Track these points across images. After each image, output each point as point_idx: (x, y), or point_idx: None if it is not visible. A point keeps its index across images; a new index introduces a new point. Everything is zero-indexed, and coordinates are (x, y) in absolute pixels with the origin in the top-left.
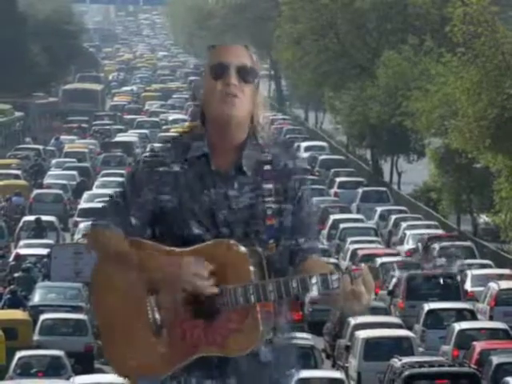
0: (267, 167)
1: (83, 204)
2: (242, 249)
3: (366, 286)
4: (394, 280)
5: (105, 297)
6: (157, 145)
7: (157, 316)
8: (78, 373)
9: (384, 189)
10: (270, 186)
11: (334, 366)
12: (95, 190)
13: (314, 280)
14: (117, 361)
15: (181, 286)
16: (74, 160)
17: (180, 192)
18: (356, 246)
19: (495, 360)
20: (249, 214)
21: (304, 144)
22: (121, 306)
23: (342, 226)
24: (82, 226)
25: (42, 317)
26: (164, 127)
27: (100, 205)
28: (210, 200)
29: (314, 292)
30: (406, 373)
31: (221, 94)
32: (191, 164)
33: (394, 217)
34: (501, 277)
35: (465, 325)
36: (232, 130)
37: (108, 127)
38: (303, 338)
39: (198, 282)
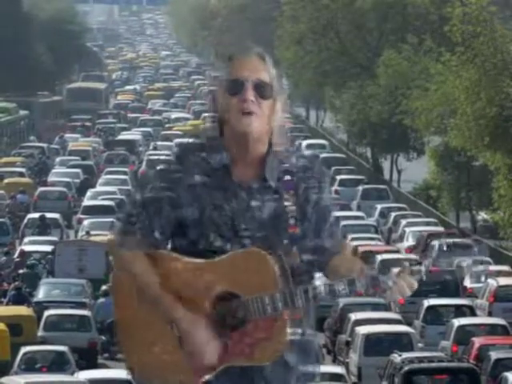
0: (287, 177)
1: (87, 201)
2: (268, 257)
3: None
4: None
5: (131, 304)
6: (173, 153)
7: (175, 329)
8: (81, 368)
9: (384, 186)
10: (291, 195)
11: (335, 362)
12: (99, 188)
13: (341, 286)
14: (136, 365)
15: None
16: (77, 158)
17: (201, 204)
18: (356, 242)
19: (494, 355)
20: (271, 224)
21: (305, 142)
22: (147, 314)
23: (342, 223)
24: (85, 222)
25: (47, 313)
26: (167, 125)
27: (120, 220)
28: (231, 211)
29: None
30: (406, 368)
31: (237, 111)
32: (212, 175)
33: (393, 214)
34: (499, 273)
35: (464, 321)
36: (250, 145)
37: (111, 125)
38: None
39: (204, 361)
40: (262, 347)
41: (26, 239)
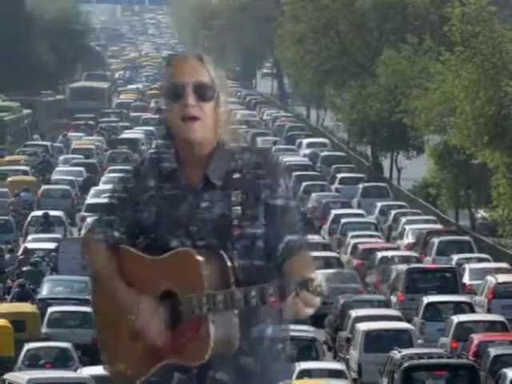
0: (236, 175)
1: (90, 199)
2: (198, 258)
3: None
4: (394, 273)
5: (102, 297)
6: (138, 160)
7: (131, 318)
8: (85, 364)
9: (384, 184)
10: (239, 194)
11: (335, 358)
12: (102, 186)
13: (253, 293)
14: (107, 359)
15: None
16: (81, 156)
17: (156, 208)
18: (357, 240)
19: (493, 352)
20: (220, 225)
21: (306, 141)
22: (112, 308)
23: (343, 220)
24: (88, 220)
25: (50, 309)
26: None
27: (105, 201)
28: (182, 214)
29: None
30: (406, 364)
31: (179, 117)
32: (163, 179)
33: (393, 212)
34: (498, 270)
35: (463, 317)
36: (196, 149)
37: (114, 124)
38: (305, 330)
39: (148, 331)
40: (191, 347)
41: (30, 237)
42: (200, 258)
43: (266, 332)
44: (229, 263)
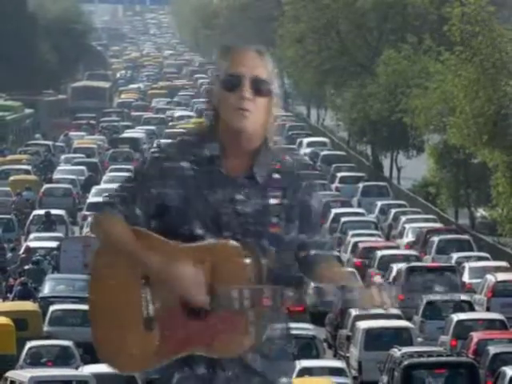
0: (276, 175)
1: (92, 198)
2: (243, 252)
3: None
4: (394, 271)
5: (101, 283)
6: (164, 141)
7: (150, 309)
8: (86, 362)
9: (384, 183)
10: (278, 194)
11: (336, 356)
12: (103, 185)
13: (310, 291)
14: (106, 351)
15: (176, 293)
16: (82, 155)
17: (186, 190)
18: (357, 239)
19: (492, 350)
20: (254, 220)
21: (306, 140)
22: (115, 294)
23: (343, 219)
24: (90, 219)
25: (52, 308)
26: (170, 124)
27: (107, 197)
28: (216, 202)
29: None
30: (406, 362)
31: (233, 107)
32: (201, 164)
33: (393, 211)
34: (497, 269)
35: (463, 316)
36: (243, 141)
37: (116, 124)
38: (305, 328)
39: (193, 294)
40: (222, 340)
41: (32, 235)
42: (244, 252)
43: (277, 331)
44: (263, 260)
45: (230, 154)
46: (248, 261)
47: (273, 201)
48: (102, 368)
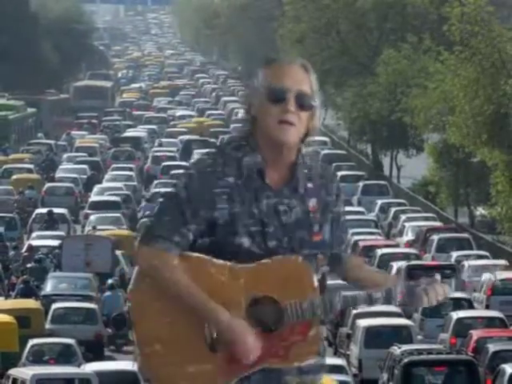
0: (310, 184)
1: (93, 197)
2: (307, 264)
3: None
4: (394, 270)
5: (151, 311)
6: (205, 154)
7: (214, 331)
8: (88, 360)
9: (384, 182)
10: (315, 202)
11: (336, 354)
12: (105, 184)
13: (378, 295)
14: (165, 379)
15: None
16: (84, 154)
17: (233, 205)
18: (357, 237)
19: (491, 348)
20: (298, 230)
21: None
22: (174, 319)
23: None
24: (92, 217)
25: (54, 306)
26: (171, 123)
27: (148, 220)
28: (260, 213)
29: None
30: (406, 360)
31: (276, 120)
32: (244, 177)
33: (393, 209)
34: (497, 267)
35: (462, 314)
36: (284, 154)
37: (117, 123)
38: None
39: (247, 358)
40: (296, 348)
41: (34, 234)
42: (308, 263)
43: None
44: (318, 270)
45: (270, 165)
46: (313, 274)
47: (312, 209)
48: (104, 366)
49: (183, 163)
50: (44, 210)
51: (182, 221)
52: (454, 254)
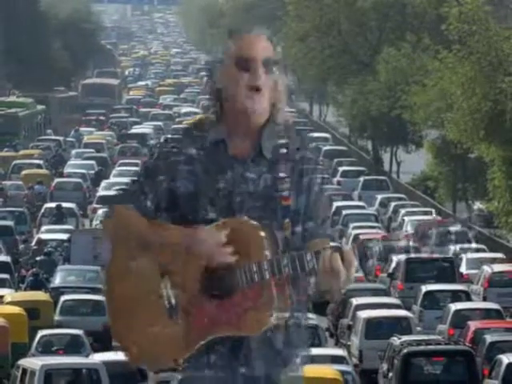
0: (283, 150)
1: (101, 192)
2: (256, 225)
3: (345, 263)
4: (394, 263)
5: (119, 282)
6: (170, 135)
7: (172, 298)
8: (96, 350)
9: (384, 177)
10: (286, 167)
11: (337, 344)
12: (112, 179)
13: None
14: (130, 347)
15: (200, 256)
16: (92, 150)
17: (196, 177)
18: (358, 231)
19: (489, 338)
20: (266, 196)
21: (309, 135)
22: (135, 290)
23: (344, 212)
24: (100, 212)
25: (63, 298)
26: (177, 119)
27: (116, 192)
28: (226, 184)
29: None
30: (405, 350)
31: (246, 88)
32: (207, 150)
33: (393, 204)
34: (494, 260)
35: (460, 305)
36: (252, 120)
37: (124, 120)
38: (308, 317)
39: (217, 251)
40: (248, 317)
41: (43, 228)
42: (257, 225)
43: (299, 320)
44: (279, 234)
45: (236, 134)
46: (263, 235)
47: (282, 174)
48: (112, 356)
49: None
50: (53, 205)
51: (141, 192)
52: (452, 248)
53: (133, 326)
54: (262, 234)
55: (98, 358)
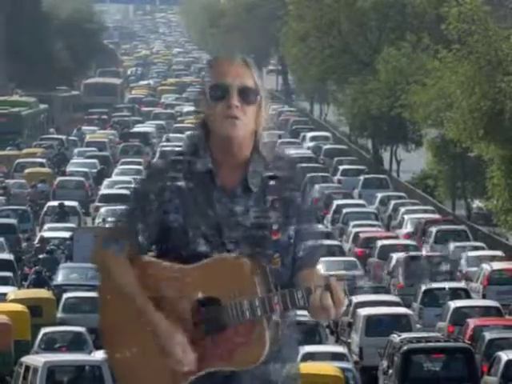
0: (271, 182)
1: (103, 190)
2: (247, 262)
3: (335, 301)
4: (394, 261)
5: (111, 308)
6: (159, 161)
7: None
8: (98, 348)
9: (384, 176)
10: (274, 200)
11: (338, 342)
12: (114, 177)
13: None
14: (123, 376)
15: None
16: (94, 149)
17: (186, 209)
18: (358, 229)
19: (488, 336)
20: (255, 230)
21: (309, 134)
22: (128, 318)
23: (344, 210)
24: (102, 210)
25: (65, 295)
26: (179, 118)
27: (109, 226)
28: (216, 216)
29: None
30: (405, 348)
31: (222, 116)
32: (196, 180)
33: (393, 202)
34: (493, 258)
35: (459, 303)
36: (235, 149)
37: (126, 119)
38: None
39: (175, 357)
40: (241, 352)
41: (46, 226)
42: (249, 262)
43: (285, 321)
44: (269, 268)
45: (223, 166)
46: (254, 272)
47: (271, 208)
48: None
49: None
50: (55, 203)
51: (133, 228)
52: (452, 245)
53: (126, 358)
54: (252, 269)
55: (101, 355)
